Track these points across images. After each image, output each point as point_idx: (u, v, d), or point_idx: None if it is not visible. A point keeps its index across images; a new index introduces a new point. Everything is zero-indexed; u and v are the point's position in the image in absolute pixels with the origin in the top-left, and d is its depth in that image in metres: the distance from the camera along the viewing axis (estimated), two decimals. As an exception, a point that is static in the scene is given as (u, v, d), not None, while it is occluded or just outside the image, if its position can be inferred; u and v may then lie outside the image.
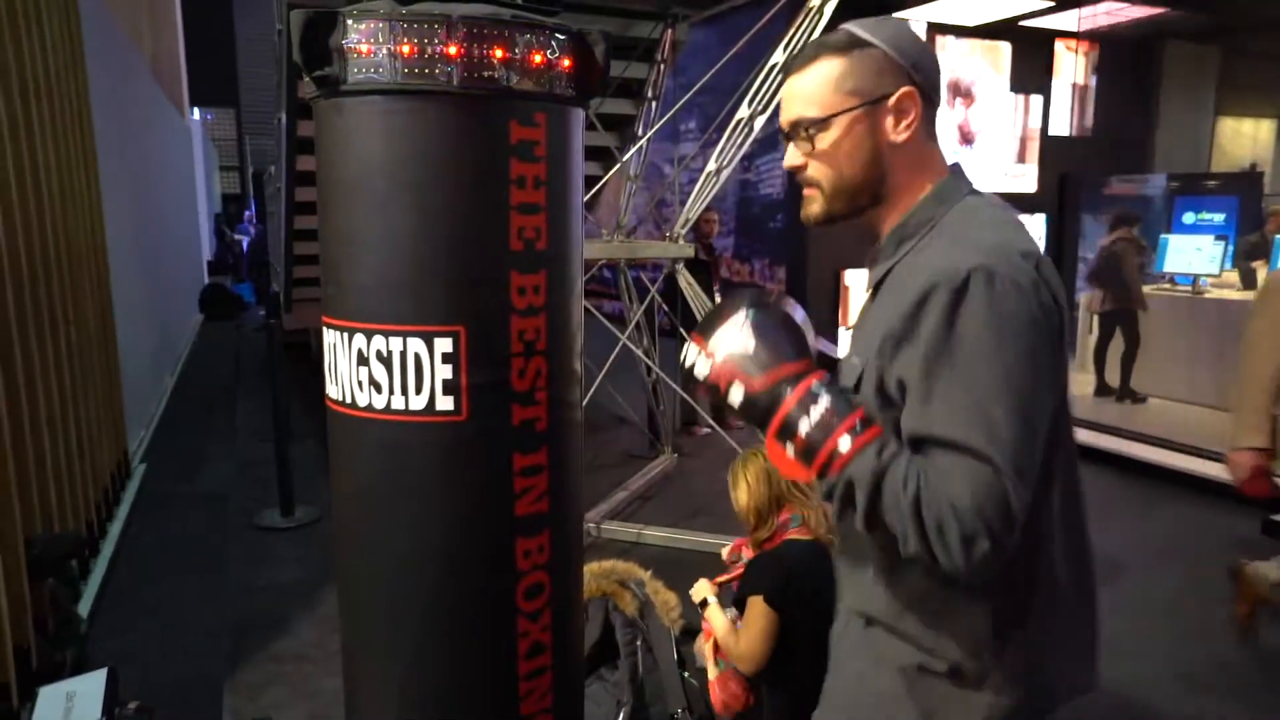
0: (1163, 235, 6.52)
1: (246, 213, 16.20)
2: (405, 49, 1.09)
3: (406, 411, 1.17)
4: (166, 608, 3.24)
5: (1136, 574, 3.58)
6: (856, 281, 7.55)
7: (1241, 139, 11.01)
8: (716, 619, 2.27)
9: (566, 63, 1.18)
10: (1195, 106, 9.19)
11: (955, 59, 7.72)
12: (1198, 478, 4.73)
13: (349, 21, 1.11)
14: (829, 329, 7.74)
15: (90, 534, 3.56)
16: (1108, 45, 8.38)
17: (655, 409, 4.97)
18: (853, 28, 1.03)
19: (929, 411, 0.91)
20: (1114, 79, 8.61)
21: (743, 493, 2.28)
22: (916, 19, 7.33)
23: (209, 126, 15.39)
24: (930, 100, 1.03)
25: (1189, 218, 7.20)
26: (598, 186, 3.80)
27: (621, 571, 2.84)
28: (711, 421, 4.89)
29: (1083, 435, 5.45)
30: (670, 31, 4.10)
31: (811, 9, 3.29)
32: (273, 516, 4.13)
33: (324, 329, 1.25)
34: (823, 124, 1.01)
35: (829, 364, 1.07)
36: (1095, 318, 6.50)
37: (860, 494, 0.91)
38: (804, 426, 0.94)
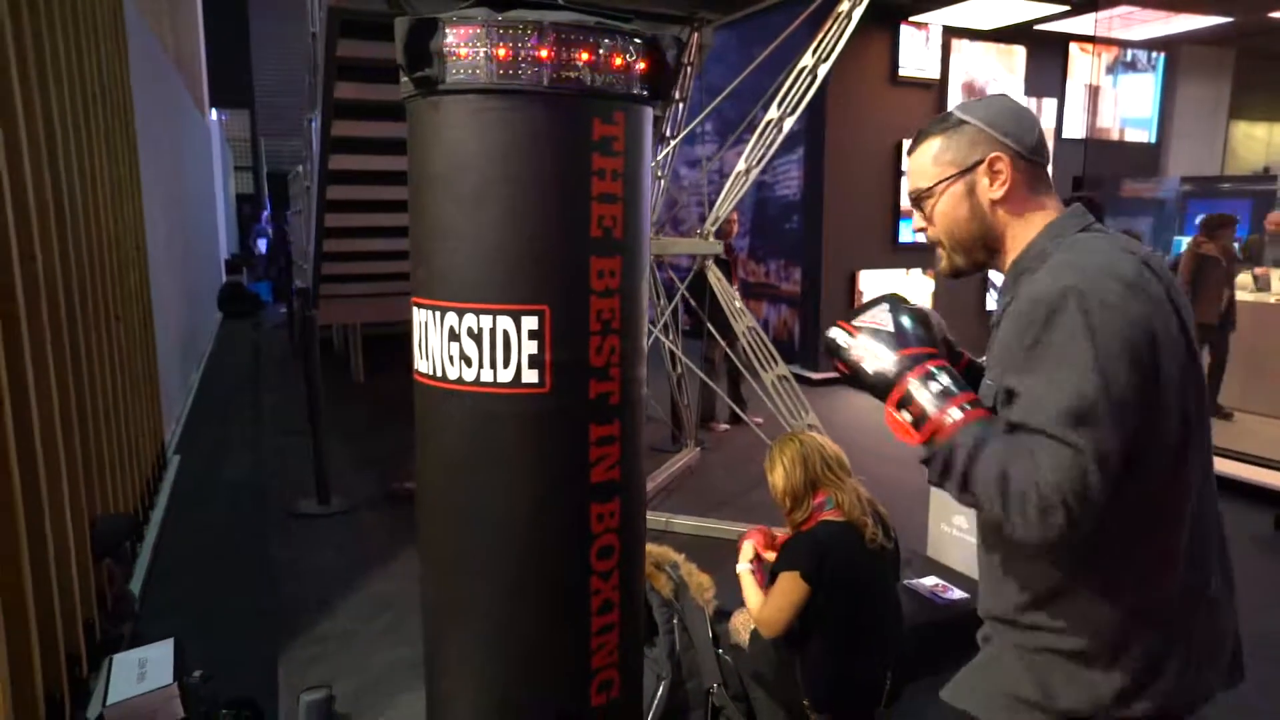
0: (1175, 237, 6.58)
1: (264, 213, 16.35)
2: (501, 52, 1.20)
3: (495, 384, 1.28)
4: (213, 589, 3.36)
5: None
6: (870, 283, 7.66)
7: (1255, 143, 11.04)
8: (746, 581, 2.38)
9: (642, 65, 1.30)
10: (1210, 110, 9.24)
11: (970, 60, 7.81)
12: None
13: (449, 27, 1.21)
14: (844, 329, 7.81)
15: (138, 521, 3.68)
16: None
17: (680, 404, 5.08)
18: (955, 109, 1.23)
19: (1022, 404, 1.03)
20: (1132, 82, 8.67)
21: (779, 476, 2.37)
22: (933, 23, 7.43)
23: (224, 127, 15.54)
24: (1028, 159, 1.18)
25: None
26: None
27: (656, 555, 2.95)
28: (740, 411, 4.97)
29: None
30: (696, 35, 4.20)
31: (840, 14, 3.39)
32: (309, 505, 4.25)
33: (414, 310, 1.35)
34: (929, 192, 1.22)
35: (974, 372, 1.24)
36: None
37: (959, 459, 1.05)
38: (922, 397, 1.09)
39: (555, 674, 1.40)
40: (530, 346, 1.26)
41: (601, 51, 1.24)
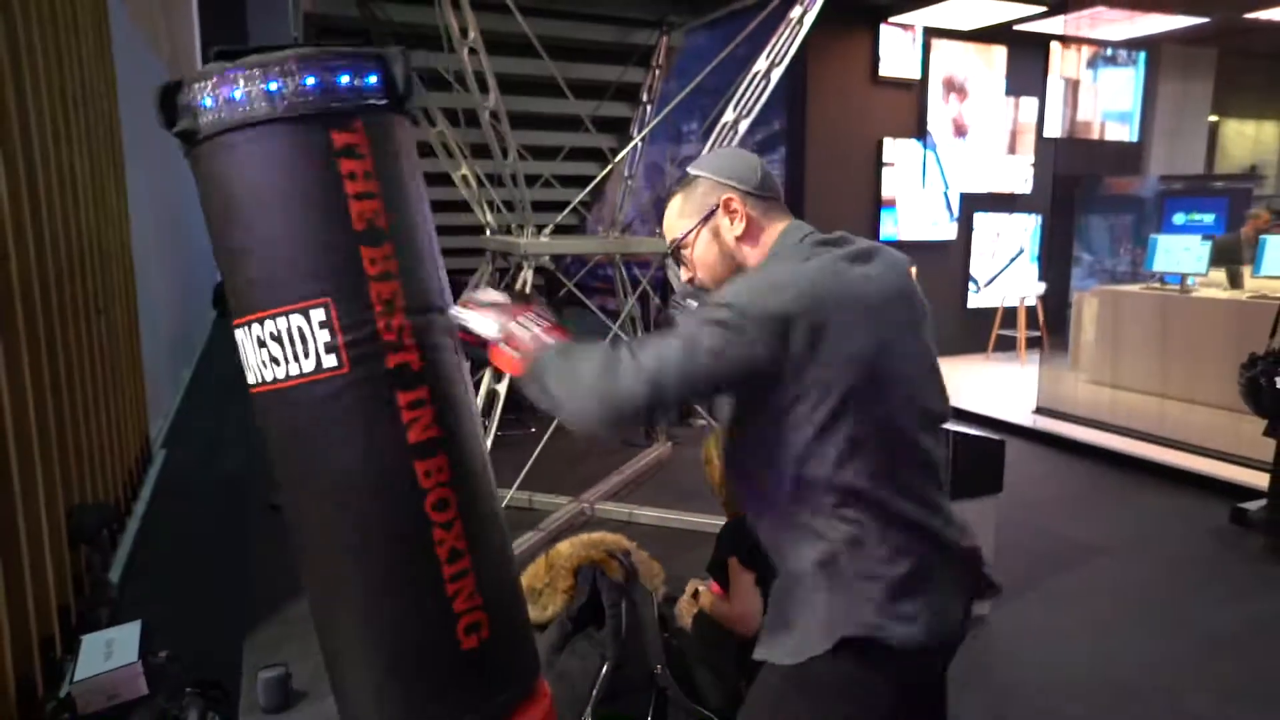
0: (1153, 235, 6.68)
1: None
2: (236, 94, 1.39)
3: (302, 374, 1.45)
4: (189, 578, 3.48)
5: (1118, 559, 3.77)
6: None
7: (1244, 140, 11.10)
8: (706, 599, 2.51)
9: (373, 79, 1.47)
10: (1190, 108, 9.32)
11: (950, 60, 7.90)
12: (1177, 469, 4.91)
13: (193, 84, 1.42)
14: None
15: (118, 511, 3.80)
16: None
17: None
18: (690, 168, 1.42)
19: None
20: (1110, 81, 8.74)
21: (715, 469, 2.50)
22: (914, 23, 7.51)
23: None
24: (756, 195, 1.36)
25: (1179, 218, 7.36)
26: (591, 185, 3.99)
27: (610, 543, 3.06)
28: (705, 414, 5.08)
29: (1069, 430, 5.62)
30: (665, 38, 4.30)
31: (792, 20, 3.49)
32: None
33: (235, 334, 1.53)
34: (683, 243, 1.40)
35: None
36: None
37: (549, 357, 1.25)
38: (520, 332, 1.32)
39: (417, 623, 1.54)
40: (324, 335, 1.43)
41: (326, 75, 1.41)
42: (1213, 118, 9.81)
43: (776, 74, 3.69)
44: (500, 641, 1.59)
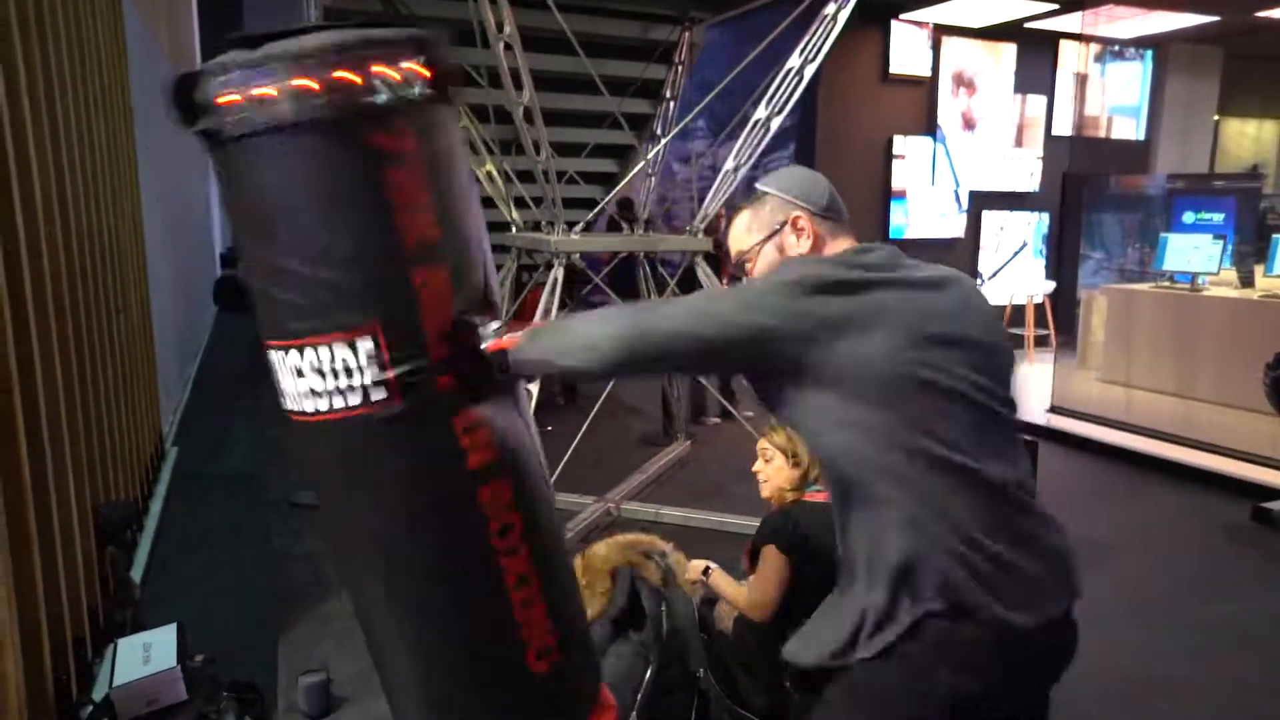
0: (1163, 234, 6.68)
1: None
2: (262, 92, 1.16)
3: (347, 407, 1.28)
4: (213, 575, 3.44)
5: (1140, 556, 3.76)
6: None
7: (1245, 139, 11.13)
8: (720, 579, 2.46)
9: (423, 71, 1.24)
10: (1197, 107, 9.33)
11: (960, 57, 7.89)
12: (1193, 468, 4.91)
13: (210, 78, 1.19)
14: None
15: (138, 509, 3.76)
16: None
17: (670, 398, 5.16)
18: (758, 184, 1.46)
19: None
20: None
21: (775, 471, 2.44)
22: (923, 20, 7.50)
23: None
24: (823, 216, 1.40)
25: (1188, 217, 7.36)
26: (622, 183, 3.97)
27: (645, 544, 3.02)
28: (730, 406, 5.06)
29: (1085, 428, 5.61)
30: (687, 34, 4.26)
31: (826, 16, 3.47)
32: (307, 495, 4.32)
33: (267, 353, 1.35)
34: (748, 255, 1.43)
35: None
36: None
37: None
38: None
39: (488, 648, 1.45)
40: (371, 370, 1.26)
41: (362, 66, 1.18)
42: (1214, 117, 9.83)
43: (810, 71, 3.66)
44: (570, 662, 1.52)
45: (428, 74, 1.23)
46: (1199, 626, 3.11)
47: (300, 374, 1.28)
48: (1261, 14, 7.38)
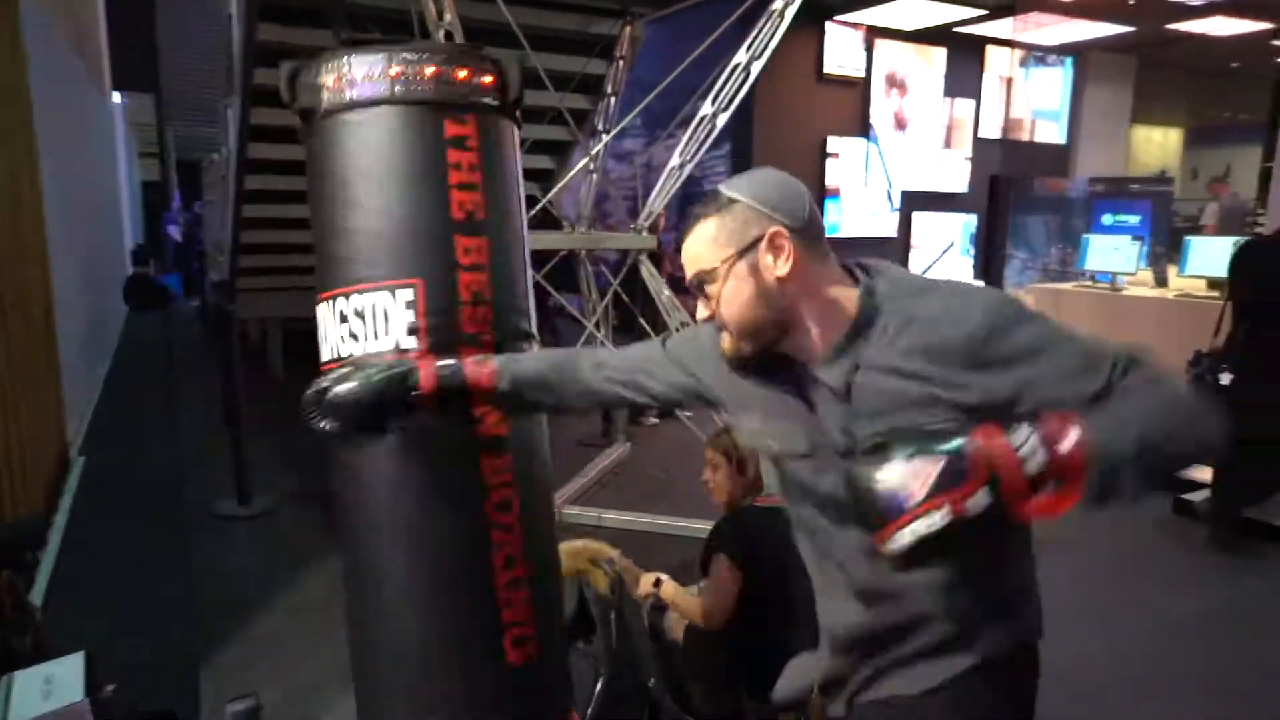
0: (1084, 235, 6.89)
1: (175, 203, 15.59)
2: (360, 75, 1.46)
3: (379, 352, 1.45)
4: (126, 596, 3.20)
5: (1064, 551, 3.83)
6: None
7: (1153, 146, 11.65)
8: (671, 590, 2.40)
9: (487, 79, 1.54)
10: (1113, 114, 9.69)
11: (892, 56, 8.01)
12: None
13: (321, 66, 1.49)
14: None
15: (39, 526, 3.48)
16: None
17: (609, 399, 5.05)
18: (723, 188, 1.20)
19: (1089, 373, 1.06)
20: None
21: (724, 477, 2.38)
22: (857, 22, 7.58)
23: (127, 111, 14.73)
24: (804, 231, 1.17)
25: (1108, 219, 7.64)
26: (565, 180, 3.87)
27: (593, 550, 2.93)
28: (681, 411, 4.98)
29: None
30: (629, 28, 4.19)
31: (774, 11, 3.43)
32: (229, 505, 4.08)
33: (318, 309, 1.54)
34: (711, 275, 1.17)
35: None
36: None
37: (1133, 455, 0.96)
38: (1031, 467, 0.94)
39: (465, 626, 1.50)
40: (408, 316, 1.44)
41: (446, 69, 1.48)
42: (1128, 124, 10.24)
43: (756, 67, 3.62)
44: (545, 662, 1.56)
45: (499, 90, 1.53)
46: (1131, 621, 3.16)
47: (344, 318, 1.47)
48: (1172, 26, 7.68)
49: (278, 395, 6.57)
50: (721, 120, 3.70)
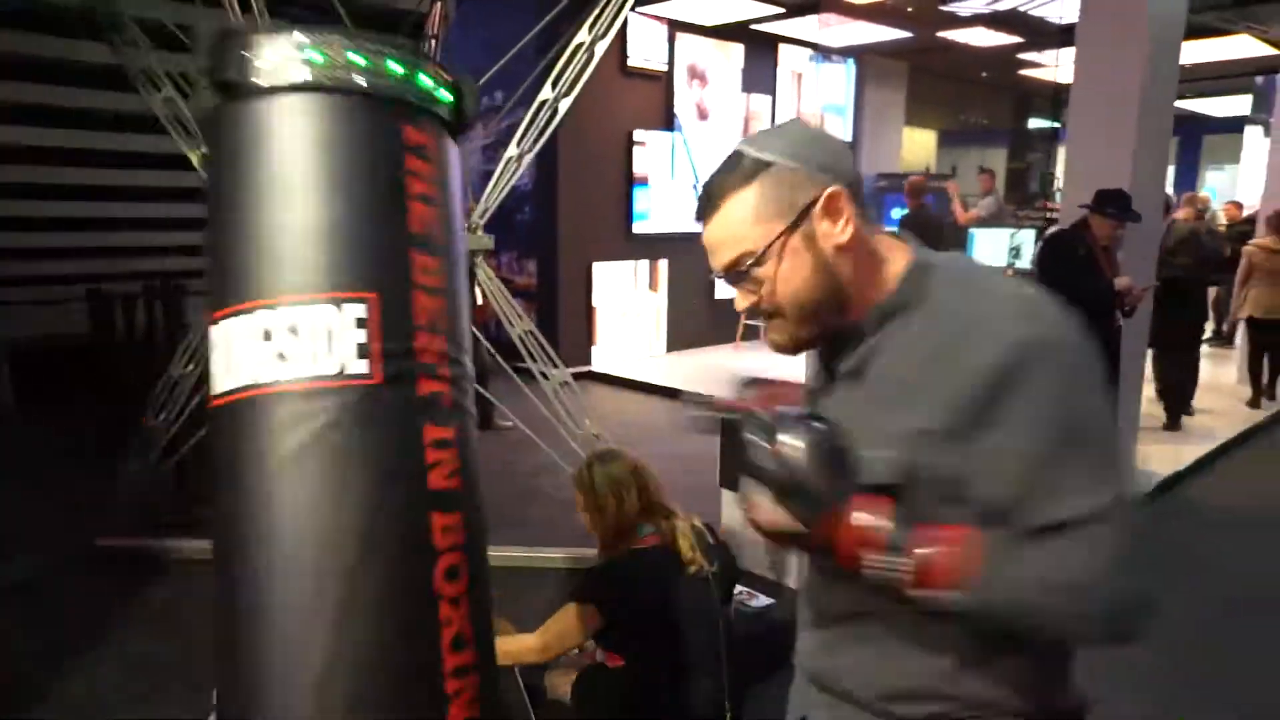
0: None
1: None
2: (315, 58, 1.21)
3: (318, 377, 1.15)
4: None
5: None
6: (604, 274, 7.62)
7: (917, 147, 12.78)
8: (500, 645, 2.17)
9: (446, 94, 1.33)
10: (889, 114, 10.41)
11: (693, 50, 8.05)
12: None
13: (262, 36, 1.23)
14: (582, 322, 7.72)
15: None
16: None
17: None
18: (746, 149, 0.99)
19: (1062, 497, 0.87)
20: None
21: (610, 504, 2.16)
22: (659, 16, 7.51)
23: None
24: (855, 187, 0.98)
25: (896, 212, 8.17)
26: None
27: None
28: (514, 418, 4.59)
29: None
30: (439, 5, 3.76)
31: (617, -14, 3.17)
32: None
33: (212, 330, 1.21)
34: (762, 257, 0.96)
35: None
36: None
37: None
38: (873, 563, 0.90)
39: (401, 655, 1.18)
40: (357, 335, 1.18)
41: (410, 69, 1.27)
42: (903, 124, 11.07)
43: (601, 48, 3.34)
44: (482, 696, 1.27)
45: (455, 109, 1.34)
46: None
47: (268, 336, 1.18)
48: (942, 34, 8.29)
49: (15, 433, 5.44)
50: (564, 105, 3.39)
